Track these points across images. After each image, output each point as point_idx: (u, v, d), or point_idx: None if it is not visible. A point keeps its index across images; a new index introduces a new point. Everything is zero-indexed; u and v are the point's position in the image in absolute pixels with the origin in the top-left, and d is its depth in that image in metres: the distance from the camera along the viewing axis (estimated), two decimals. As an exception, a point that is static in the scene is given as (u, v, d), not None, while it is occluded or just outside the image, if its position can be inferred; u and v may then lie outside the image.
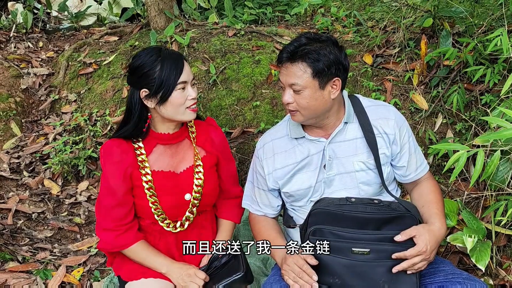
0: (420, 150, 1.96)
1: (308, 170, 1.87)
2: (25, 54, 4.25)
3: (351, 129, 1.85)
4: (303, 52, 1.71)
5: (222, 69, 3.41)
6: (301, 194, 1.89)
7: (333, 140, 1.85)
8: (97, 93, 3.66)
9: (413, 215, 1.73)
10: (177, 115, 1.86)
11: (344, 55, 1.77)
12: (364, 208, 1.73)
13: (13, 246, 2.74)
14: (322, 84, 1.73)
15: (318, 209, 1.75)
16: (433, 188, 1.89)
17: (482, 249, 1.93)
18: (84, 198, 3.15)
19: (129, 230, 1.91)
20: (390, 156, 1.86)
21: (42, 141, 3.49)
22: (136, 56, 1.88)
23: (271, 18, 4.14)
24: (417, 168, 1.90)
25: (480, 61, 2.81)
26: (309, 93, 1.73)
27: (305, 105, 1.75)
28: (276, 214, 2.03)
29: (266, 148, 1.95)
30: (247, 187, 2.06)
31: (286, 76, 1.76)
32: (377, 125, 1.84)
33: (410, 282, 1.67)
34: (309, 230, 1.72)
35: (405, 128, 1.88)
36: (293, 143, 1.90)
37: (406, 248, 1.65)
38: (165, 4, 3.92)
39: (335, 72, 1.74)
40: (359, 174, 1.83)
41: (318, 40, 1.75)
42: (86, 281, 2.54)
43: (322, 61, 1.71)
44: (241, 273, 1.84)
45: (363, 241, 1.68)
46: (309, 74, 1.71)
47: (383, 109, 1.89)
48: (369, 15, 3.86)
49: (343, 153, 1.84)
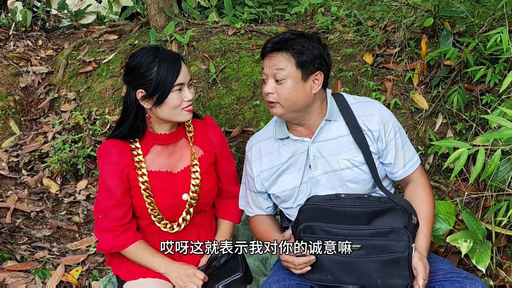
0: (411, 146, 1.93)
1: (292, 170, 1.87)
2: (24, 52, 4.24)
3: (335, 127, 1.85)
4: (288, 44, 1.75)
5: (221, 68, 3.40)
6: (287, 195, 1.89)
7: (317, 139, 1.84)
8: (96, 91, 3.66)
9: (404, 207, 1.73)
10: (173, 116, 1.85)
11: (327, 53, 1.81)
12: (353, 202, 1.74)
13: (11, 245, 2.73)
14: (304, 76, 1.75)
15: (307, 205, 1.77)
16: (424, 196, 1.86)
17: (482, 250, 1.92)
18: (83, 197, 3.14)
19: (128, 231, 1.90)
20: (377, 153, 1.85)
21: (41, 140, 3.48)
22: (133, 55, 1.86)
23: (271, 17, 4.13)
24: (405, 165, 1.88)
25: (480, 61, 2.80)
26: (291, 83, 1.74)
27: (286, 96, 1.75)
28: (270, 214, 2.03)
29: (254, 150, 1.97)
30: (241, 189, 2.08)
31: (269, 65, 1.77)
32: (361, 122, 1.83)
33: (403, 276, 1.67)
34: (299, 228, 1.73)
35: (391, 124, 1.86)
36: (278, 144, 1.91)
37: (397, 242, 1.66)
38: (165, 3, 3.91)
39: (318, 66, 1.77)
40: (344, 172, 1.83)
41: (302, 35, 1.79)
42: (84, 280, 2.53)
43: (306, 54, 1.74)
44: (240, 273, 1.84)
45: (354, 237, 1.69)
46: (293, 64, 1.74)
47: (367, 106, 1.88)
48: (369, 15, 3.85)
49: (328, 152, 1.84)
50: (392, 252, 1.67)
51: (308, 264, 1.70)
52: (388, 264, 1.67)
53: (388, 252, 1.67)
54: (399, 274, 1.67)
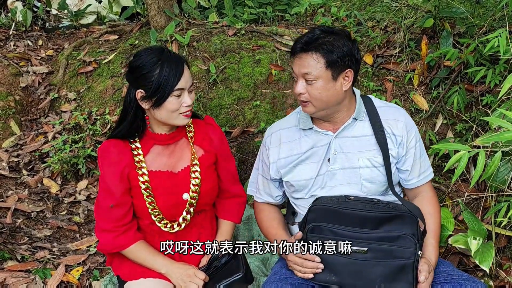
0: (427, 158, 1.95)
1: (311, 161, 1.88)
2: (25, 52, 4.24)
3: (360, 126, 1.86)
4: (317, 43, 1.73)
5: (222, 68, 3.40)
6: (301, 185, 1.89)
7: (340, 135, 1.86)
8: (96, 92, 3.66)
9: (413, 215, 1.74)
10: (169, 119, 1.85)
11: (356, 48, 1.79)
12: (363, 206, 1.75)
13: (12, 245, 2.73)
14: (335, 75, 1.74)
15: (317, 205, 1.77)
16: (432, 210, 1.88)
17: (485, 250, 1.92)
18: (83, 197, 3.14)
19: (128, 231, 1.90)
20: (396, 158, 1.86)
21: (42, 140, 3.48)
22: (137, 54, 1.86)
23: (271, 18, 4.13)
24: (420, 174, 1.90)
25: (481, 62, 2.80)
26: (321, 83, 1.74)
27: (317, 96, 1.75)
28: (278, 203, 2.05)
29: (274, 137, 1.97)
30: (253, 174, 2.10)
31: (299, 66, 1.76)
32: (386, 126, 1.85)
33: (406, 282, 1.67)
34: (308, 227, 1.74)
35: (413, 132, 1.88)
36: (300, 134, 1.91)
37: (404, 248, 1.67)
38: (165, 3, 3.91)
39: (348, 64, 1.75)
40: (363, 170, 1.84)
41: (332, 32, 1.77)
42: (85, 280, 2.53)
43: (336, 52, 1.72)
44: (241, 273, 1.84)
45: (361, 240, 1.69)
46: (322, 64, 1.73)
47: (394, 111, 1.90)
48: (370, 15, 3.86)
49: (349, 149, 1.85)
50: (398, 258, 1.67)
51: (314, 271, 1.70)
52: (393, 269, 1.67)
53: (394, 258, 1.67)
54: (403, 280, 1.67)
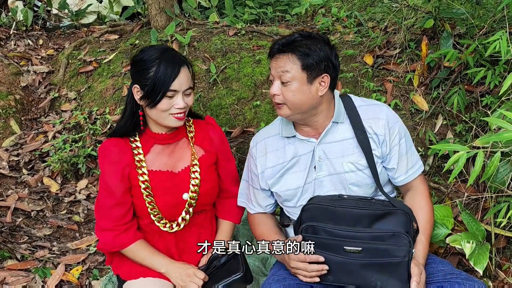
0: (416, 151, 1.93)
1: (297, 170, 1.87)
2: (25, 51, 4.24)
3: (342, 129, 1.84)
4: (294, 45, 1.74)
5: (222, 68, 3.40)
6: (290, 195, 1.89)
7: (323, 141, 1.84)
8: (97, 91, 3.66)
9: (406, 211, 1.74)
10: (159, 119, 1.85)
11: (334, 54, 1.78)
12: (356, 203, 1.75)
13: (11, 244, 2.73)
14: (310, 79, 1.73)
15: (310, 204, 1.77)
16: (422, 204, 1.86)
17: (480, 252, 1.92)
18: (83, 196, 3.14)
19: (128, 230, 1.90)
20: (381, 157, 1.84)
21: (42, 139, 3.48)
22: (142, 49, 1.88)
23: (272, 18, 4.14)
24: (407, 171, 1.88)
25: (481, 62, 2.80)
26: (296, 85, 1.74)
27: (292, 98, 1.74)
28: (270, 212, 2.04)
29: (259, 147, 1.96)
30: (242, 185, 2.07)
31: (275, 67, 1.77)
32: (367, 126, 1.83)
33: (402, 280, 1.68)
34: (302, 227, 1.74)
35: (397, 129, 1.85)
36: (284, 142, 1.90)
37: (398, 247, 1.67)
38: (166, 3, 3.92)
39: (324, 68, 1.75)
40: (348, 175, 1.83)
41: (310, 36, 1.77)
42: (85, 279, 2.53)
43: (312, 56, 1.72)
44: (241, 273, 1.84)
45: (355, 239, 1.69)
46: (298, 66, 1.72)
47: (375, 109, 1.87)
48: (370, 16, 3.86)
49: (333, 154, 1.83)
50: (393, 256, 1.67)
51: (319, 273, 1.70)
52: (388, 267, 1.67)
53: (388, 256, 1.67)
54: (399, 278, 1.67)
